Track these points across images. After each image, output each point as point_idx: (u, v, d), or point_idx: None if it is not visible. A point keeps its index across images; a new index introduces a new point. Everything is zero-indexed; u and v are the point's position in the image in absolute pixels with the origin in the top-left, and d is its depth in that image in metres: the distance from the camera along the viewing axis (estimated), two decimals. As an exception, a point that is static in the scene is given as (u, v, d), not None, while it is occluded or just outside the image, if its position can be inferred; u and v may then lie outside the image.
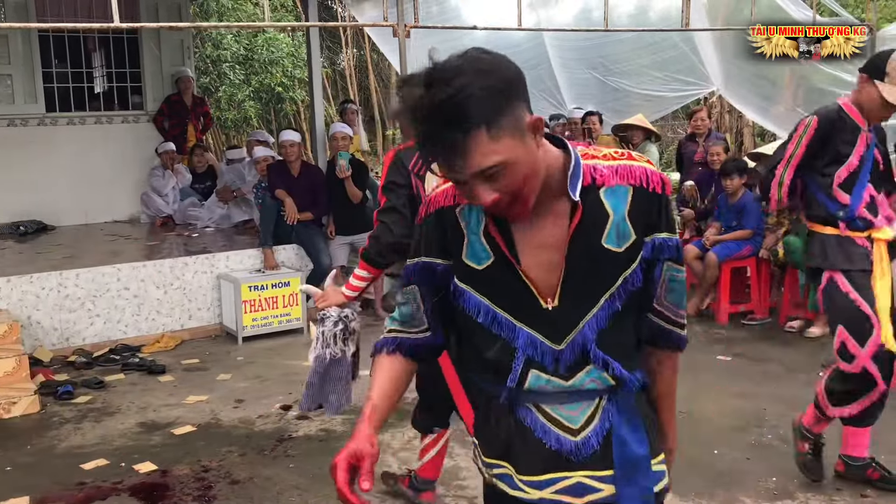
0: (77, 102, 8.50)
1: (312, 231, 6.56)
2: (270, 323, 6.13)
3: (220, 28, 15.76)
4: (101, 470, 3.94)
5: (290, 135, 6.61)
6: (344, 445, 1.59)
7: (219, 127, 15.96)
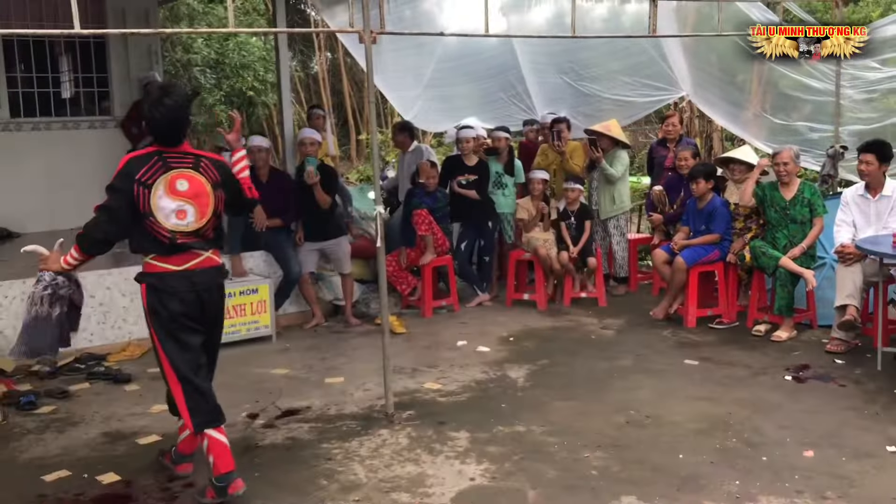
0: (42, 108, 8.39)
1: (281, 238, 6.53)
2: (238, 331, 6.08)
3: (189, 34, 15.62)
4: (63, 482, 3.89)
5: (259, 140, 6.57)
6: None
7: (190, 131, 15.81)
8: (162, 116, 3.50)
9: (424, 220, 6.87)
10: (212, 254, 3.66)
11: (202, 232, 3.60)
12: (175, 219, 3.50)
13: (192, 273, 3.56)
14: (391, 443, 4.26)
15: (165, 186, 3.48)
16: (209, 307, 3.64)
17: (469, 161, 7.25)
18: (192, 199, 3.53)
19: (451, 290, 7.15)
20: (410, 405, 4.81)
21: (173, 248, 3.53)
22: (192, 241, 3.57)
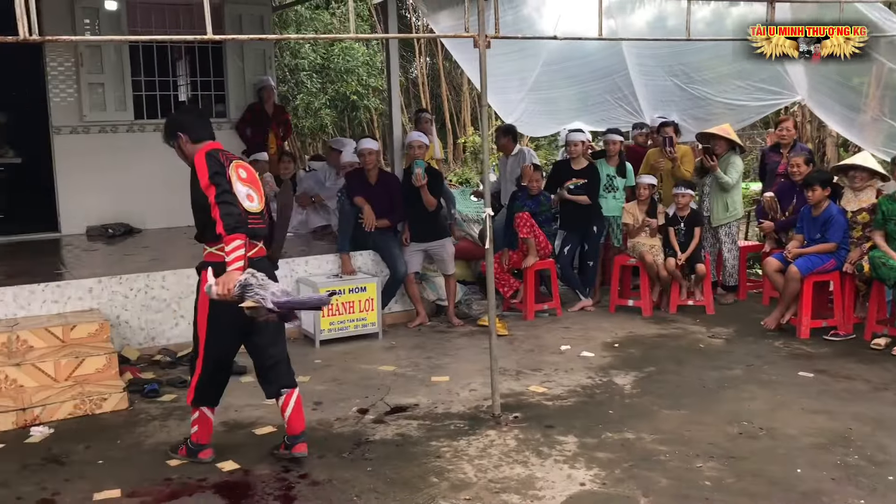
0: (163, 110, 8.80)
1: (388, 238, 6.65)
2: (347, 327, 6.24)
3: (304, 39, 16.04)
4: (186, 467, 4.07)
5: (369, 143, 6.72)
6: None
7: (295, 134, 16.27)
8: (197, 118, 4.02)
9: (526, 223, 6.87)
10: (263, 244, 3.96)
11: (264, 214, 3.93)
12: (248, 202, 3.80)
13: (253, 262, 3.79)
14: (499, 444, 4.29)
15: (234, 173, 3.79)
16: None
17: (577, 165, 7.21)
18: (252, 185, 3.87)
19: (554, 294, 7.13)
20: (516, 407, 4.82)
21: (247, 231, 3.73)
22: (257, 227, 3.86)
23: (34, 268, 6.40)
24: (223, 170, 3.75)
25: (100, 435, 4.52)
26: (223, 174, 3.74)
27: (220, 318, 3.86)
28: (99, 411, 4.84)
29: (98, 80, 8.26)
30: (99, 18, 8.17)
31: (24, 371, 4.95)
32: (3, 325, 5.36)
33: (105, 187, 8.19)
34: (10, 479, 3.99)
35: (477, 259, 7.62)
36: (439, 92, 19.69)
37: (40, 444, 4.42)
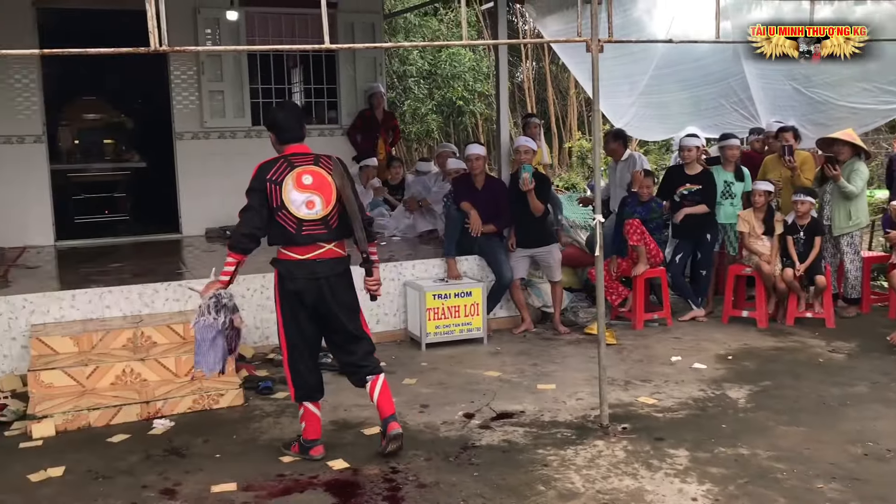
0: (279, 117, 9.09)
1: (494, 243, 6.65)
2: (452, 331, 6.28)
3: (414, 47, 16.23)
4: (297, 464, 4.18)
5: (476, 148, 6.74)
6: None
7: (403, 139, 16.52)
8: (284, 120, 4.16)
9: (637, 230, 6.74)
10: (335, 246, 4.11)
11: (329, 219, 4.04)
12: (305, 209, 3.97)
13: (313, 262, 4.03)
14: (607, 454, 4.22)
15: (294, 182, 3.95)
16: (328, 293, 4.07)
17: (691, 170, 7.03)
18: (317, 190, 3.99)
19: (664, 303, 6.97)
20: (625, 418, 4.73)
21: (300, 238, 4.00)
22: (317, 232, 4.02)
23: (158, 267, 6.74)
24: (262, 185, 3.97)
25: (217, 429, 4.70)
26: (260, 190, 3.97)
27: (289, 313, 4.12)
28: (216, 406, 5.04)
29: (218, 87, 8.62)
30: (219, 28, 8.52)
31: (147, 366, 5.21)
32: (129, 321, 5.66)
33: (223, 191, 8.50)
34: (135, 467, 4.20)
35: (584, 266, 7.53)
36: (545, 96, 19.58)
37: (162, 436, 4.63)
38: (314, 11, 8.95)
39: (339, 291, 4.13)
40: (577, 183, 15.75)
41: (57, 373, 5.02)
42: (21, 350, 5.51)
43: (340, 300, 4.15)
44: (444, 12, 18.24)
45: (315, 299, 4.08)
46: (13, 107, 7.91)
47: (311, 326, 4.18)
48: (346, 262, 4.16)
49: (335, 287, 4.11)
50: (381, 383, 4.23)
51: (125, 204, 9.10)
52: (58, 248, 7.99)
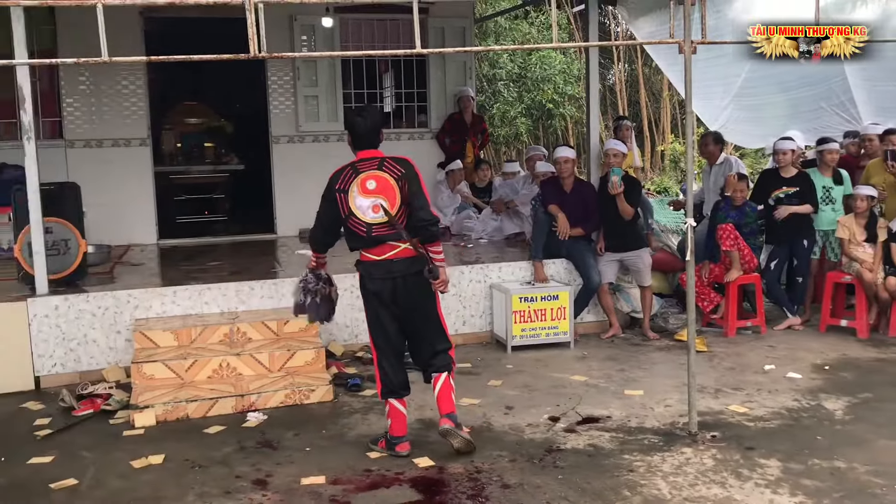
0: (370, 120, 9.27)
1: (582, 246, 6.61)
2: (538, 334, 6.27)
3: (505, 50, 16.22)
4: (384, 460, 4.26)
5: (565, 151, 6.72)
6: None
7: (491, 142, 16.58)
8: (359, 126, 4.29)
9: (730, 234, 6.58)
10: (408, 246, 4.19)
11: (396, 221, 4.15)
12: (372, 213, 4.14)
13: (389, 262, 4.19)
14: (695, 462, 4.14)
15: (359, 188, 4.14)
16: (403, 291, 4.21)
17: (786, 173, 6.82)
18: (382, 194, 4.13)
19: (758, 310, 6.78)
20: (714, 426, 4.64)
21: (372, 240, 4.17)
22: (387, 233, 4.16)
23: (253, 266, 6.98)
24: (332, 196, 4.23)
25: (307, 424, 4.83)
26: (329, 200, 4.26)
27: (373, 312, 4.31)
28: (307, 401, 5.18)
29: (312, 92, 8.85)
30: (315, 35, 8.75)
31: (242, 360, 5.40)
32: (226, 317, 5.88)
33: (316, 193, 8.65)
34: (229, 458, 4.36)
35: (674, 271, 7.39)
36: (638, 98, 19.32)
37: (255, 429, 4.79)
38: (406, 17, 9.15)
39: (414, 289, 4.25)
40: (669, 187, 15.47)
41: (158, 365, 5.26)
42: (125, 343, 5.80)
43: (415, 298, 4.27)
44: (535, 15, 18.21)
45: (392, 298, 4.23)
46: (121, 111, 8.33)
47: (393, 325, 4.30)
48: (422, 262, 4.23)
49: (410, 285, 4.23)
50: (444, 381, 4.34)
51: (224, 205, 9.44)
52: (160, 247, 8.36)
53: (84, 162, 8.15)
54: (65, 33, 7.95)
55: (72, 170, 7.98)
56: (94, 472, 4.22)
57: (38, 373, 5.66)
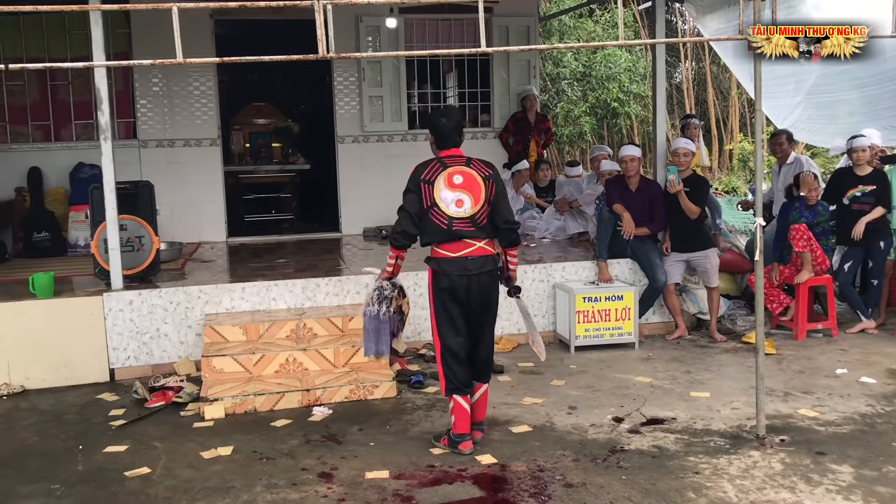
0: (434, 120, 9.32)
1: (648, 246, 6.53)
2: (602, 335, 6.22)
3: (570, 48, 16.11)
4: (447, 456, 4.28)
5: (631, 149, 6.64)
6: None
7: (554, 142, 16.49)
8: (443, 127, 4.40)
9: (803, 235, 6.42)
10: (485, 244, 4.27)
11: (477, 218, 4.22)
12: (455, 207, 4.19)
13: (464, 259, 4.22)
14: (763, 466, 4.06)
15: (445, 181, 4.21)
16: (476, 289, 4.26)
17: (861, 171, 6.62)
18: (467, 190, 4.21)
19: (830, 313, 6.59)
20: (783, 430, 4.53)
21: (451, 235, 4.21)
22: (466, 229, 4.21)
23: (319, 263, 7.09)
24: (416, 188, 4.24)
25: (371, 419, 4.89)
26: (414, 191, 4.25)
27: (442, 308, 4.31)
28: (370, 397, 5.24)
29: (377, 92, 8.94)
30: (380, 35, 8.84)
31: (308, 355, 5.50)
32: (293, 313, 5.99)
33: (380, 192, 8.83)
34: (295, 451, 4.45)
35: (742, 272, 7.25)
36: (705, 97, 18.96)
37: (320, 423, 4.87)
38: (469, 16, 9.18)
39: (485, 289, 4.31)
40: (737, 186, 15.14)
41: (227, 359, 5.39)
42: (196, 337, 5.95)
43: (485, 297, 4.33)
44: (600, 13, 18.04)
45: (466, 295, 4.27)
46: (192, 112, 8.55)
47: (461, 322, 4.33)
48: (495, 261, 4.32)
49: (483, 283, 4.29)
50: (483, 391, 4.48)
51: (290, 204, 9.61)
52: (228, 245, 8.55)
53: (156, 161, 8.40)
54: (139, 37, 8.20)
55: (145, 169, 8.24)
56: (165, 461, 4.36)
57: (112, 365, 5.86)
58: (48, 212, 8.07)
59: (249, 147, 10.05)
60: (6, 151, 8.29)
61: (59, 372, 5.75)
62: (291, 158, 9.89)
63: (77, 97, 8.43)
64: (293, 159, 9.88)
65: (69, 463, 4.39)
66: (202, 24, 8.21)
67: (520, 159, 8.80)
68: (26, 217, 8.04)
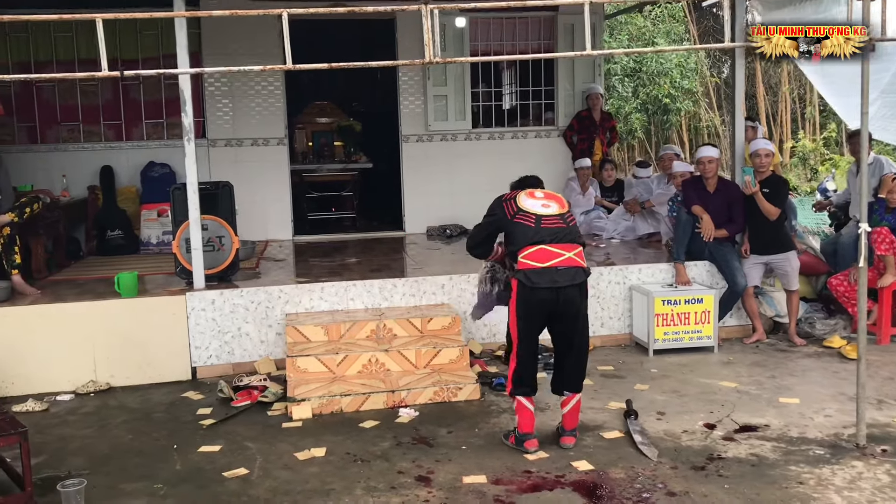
0: (497, 119, 9.31)
1: (726, 249, 6.44)
2: (681, 338, 6.15)
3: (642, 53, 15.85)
4: (543, 461, 4.27)
5: (709, 150, 6.56)
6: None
7: (619, 140, 16.35)
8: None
9: (885, 238, 6.29)
10: (575, 255, 4.29)
11: (566, 218, 4.37)
12: (541, 207, 4.35)
13: (553, 270, 4.23)
14: (868, 477, 3.99)
15: (526, 195, 4.46)
16: (564, 301, 4.25)
17: (948, 174, 6.48)
18: (549, 198, 4.46)
19: (913, 317, 6.46)
20: (883, 439, 4.45)
21: (539, 232, 4.26)
22: (556, 228, 4.29)
23: (391, 263, 7.12)
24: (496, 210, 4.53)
25: (459, 422, 4.89)
26: (493, 215, 4.55)
27: (524, 314, 4.32)
28: (454, 399, 5.24)
29: (441, 92, 8.93)
30: (446, 35, 8.82)
31: (390, 356, 5.51)
32: (371, 313, 6.01)
33: (444, 191, 8.86)
34: (388, 453, 4.46)
35: (818, 274, 7.12)
36: (754, 92, 18.69)
37: (408, 425, 4.88)
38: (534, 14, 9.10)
39: (572, 302, 4.30)
40: (796, 185, 14.88)
41: (311, 359, 5.43)
42: (276, 336, 6.01)
43: (574, 312, 4.33)
44: (650, 9, 17.83)
45: (550, 307, 4.29)
46: (260, 111, 8.61)
47: (540, 328, 4.40)
48: (584, 274, 4.34)
49: (571, 297, 4.28)
50: (576, 402, 4.48)
51: (352, 202, 9.64)
52: (295, 243, 8.61)
53: (224, 160, 8.48)
54: (208, 37, 8.27)
55: (213, 168, 8.32)
56: (261, 462, 4.40)
57: (194, 363, 5.94)
58: (120, 210, 8.20)
59: (312, 146, 10.10)
60: (79, 151, 8.44)
61: (142, 370, 5.84)
62: (354, 157, 9.92)
63: (148, 97, 8.54)
64: (356, 158, 9.91)
65: (167, 462, 4.45)
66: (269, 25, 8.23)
67: (584, 158, 8.74)
68: (99, 215, 8.17)
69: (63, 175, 8.14)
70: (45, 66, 8.22)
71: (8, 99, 8.09)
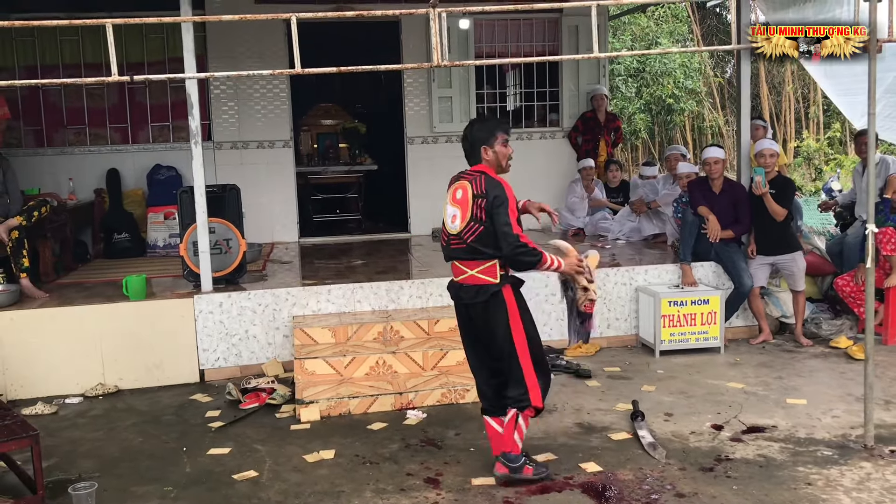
0: (501, 120, 9.32)
1: (732, 249, 6.45)
2: (688, 339, 6.16)
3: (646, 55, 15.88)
4: (550, 464, 4.27)
5: (715, 151, 6.57)
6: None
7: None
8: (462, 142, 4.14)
9: (891, 238, 6.30)
10: (478, 272, 3.90)
11: (463, 236, 3.88)
12: (451, 222, 3.97)
13: (458, 286, 4.03)
14: (877, 478, 3.99)
15: (450, 195, 4.00)
16: (475, 317, 3.99)
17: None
18: (459, 205, 3.92)
19: (920, 317, 6.46)
20: (891, 440, 4.46)
21: (449, 257, 4.03)
22: (456, 249, 3.95)
23: (397, 265, 7.13)
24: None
25: (466, 424, 4.90)
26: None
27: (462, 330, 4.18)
28: (462, 401, 5.25)
29: (447, 93, 8.95)
30: (450, 37, 8.83)
31: (397, 358, 5.53)
32: (378, 315, 6.03)
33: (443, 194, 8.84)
34: (397, 455, 4.48)
35: (824, 274, 7.12)
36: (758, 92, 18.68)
37: (416, 426, 4.90)
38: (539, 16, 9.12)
39: (485, 318, 3.96)
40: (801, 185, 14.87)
41: (319, 362, 5.44)
42: (283, 339, 6.02)
43: (488, 331, 3.99)
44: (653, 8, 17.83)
45: (465, 323, 4.12)
46: (266, 114, 8.63)
47: (471, 342, 4.14)
48: (487, 291, 3.89)
49: (479, 315, 3.97)
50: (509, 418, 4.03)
51: (358, 204, 9.66)
52: (300, 245, 8.63)
53: (230, 163, 8.50)
54: (213, 39, 8.30)
55: (219, 171, 8.34)
56: (271, 464, 4.41)
57: (202, 366, 5.96)
58: (127, 213, 8.23)
59: (317, 148, 10.12)
60: (86, 154, 8.47)
61: (150, 372, 5.87)
62: (359, 159, 9.94)
63: (154, 100, 8.57)
64: (360, 160, 9.92)
65: (177, 465, 4.47)
66: (274, 27, 8.27)
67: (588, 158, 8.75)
68: (106, 218, 8.19)
69: (70, 178, 8.18)
70: (51, 70, 8.27)
71: (14, 103, 8.12)
